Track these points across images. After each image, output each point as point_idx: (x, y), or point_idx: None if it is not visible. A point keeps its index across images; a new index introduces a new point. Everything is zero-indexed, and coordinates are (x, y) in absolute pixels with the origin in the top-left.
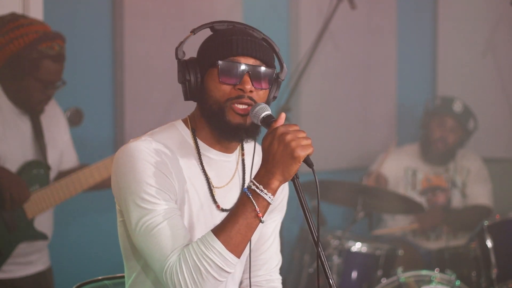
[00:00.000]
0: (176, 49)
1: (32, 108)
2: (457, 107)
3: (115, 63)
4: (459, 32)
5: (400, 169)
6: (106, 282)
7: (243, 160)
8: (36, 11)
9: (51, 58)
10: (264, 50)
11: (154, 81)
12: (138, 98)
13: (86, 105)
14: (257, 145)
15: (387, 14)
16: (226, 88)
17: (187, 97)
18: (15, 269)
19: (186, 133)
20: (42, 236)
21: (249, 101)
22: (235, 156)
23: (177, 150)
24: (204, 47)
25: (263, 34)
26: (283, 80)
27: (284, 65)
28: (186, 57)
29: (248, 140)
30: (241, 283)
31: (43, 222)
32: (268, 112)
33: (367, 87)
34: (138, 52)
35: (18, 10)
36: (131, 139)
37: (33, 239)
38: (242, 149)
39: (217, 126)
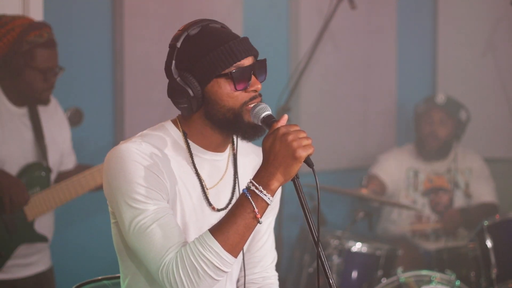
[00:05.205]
0: (169, 68)
1: (36, 100)
2: (440, 98)
3: (115, 63)
4: (459, 32)
5: (401, 170)
6: (105, 282)
7: (234, 155)
8: (36, 11)
9: (43, 46)
10: (250, 43)
11: (154, 81)
12: (138, 98)
13: (86, 105)
14: (249, 144)
15: (387, 14)
16: (239, 93)
17: (188, 113)
18: (16, 270)
19: (177, 134)
20: (42, 239)
21: (260, 97)
22: (226, 154)
23: (168, 151)
24: (200, 59)
25: (220, 22)
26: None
27: None
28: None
29: (260, 137)
30: (237, 281)
31: (44, 224)
32: (269, 112)
33: (367, 87)
34: (138, 52)
35: (18, 10)
36: (121, 141)
37: (33, 241)
38: (233, 144)
39: (237, 130)
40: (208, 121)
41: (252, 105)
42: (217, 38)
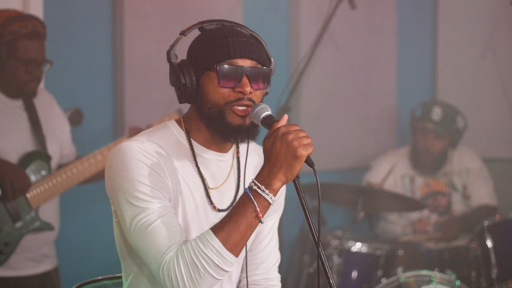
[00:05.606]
0: (168, 52)
1: (21, 91)
2: (436, 115)
3: (115, 63)
4: (459, 32)
5: (396, 175)
6: (106, 282)
7: (238, 158)
8: (36, 11)
9: (26, 36)
10: (258, 49)
11: (154, 80)
12: (138, 98)
13: (86, 105)
14: (251, 143)
15: (387, 14)
16: (225, 91)
17: (181, 101)
18: (22, 266)
19: (180, 134)
20: (47, 226)
21: (249, 102)
22: (229, 155)
23: (171, 150)
24: (198, 49)
25: (250, 30)
26: (272, 74)
27: (272, 59)
28: (177, 59)
29: (248, 141)
30: (239, 282)
31: (49, 213)
32: (269, 112)
33: (367, 87)
34: (138, 52)
35: (18, 10)
36: (124, 139)
37: (39, 229)
38: (237, 147)
39: (217, 128)
40: (199, 115)
41: (237, 107)
42: (220, 33)
